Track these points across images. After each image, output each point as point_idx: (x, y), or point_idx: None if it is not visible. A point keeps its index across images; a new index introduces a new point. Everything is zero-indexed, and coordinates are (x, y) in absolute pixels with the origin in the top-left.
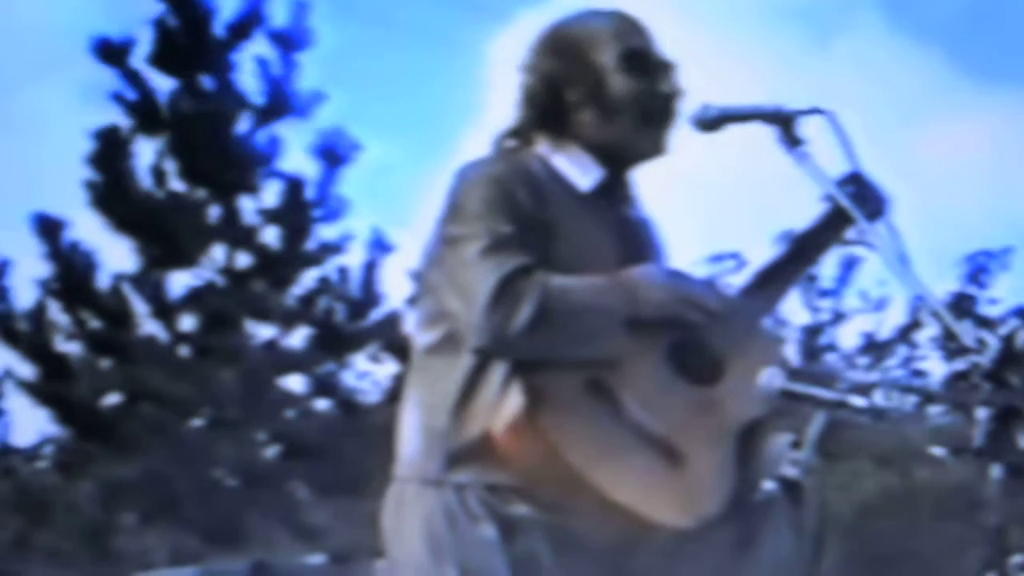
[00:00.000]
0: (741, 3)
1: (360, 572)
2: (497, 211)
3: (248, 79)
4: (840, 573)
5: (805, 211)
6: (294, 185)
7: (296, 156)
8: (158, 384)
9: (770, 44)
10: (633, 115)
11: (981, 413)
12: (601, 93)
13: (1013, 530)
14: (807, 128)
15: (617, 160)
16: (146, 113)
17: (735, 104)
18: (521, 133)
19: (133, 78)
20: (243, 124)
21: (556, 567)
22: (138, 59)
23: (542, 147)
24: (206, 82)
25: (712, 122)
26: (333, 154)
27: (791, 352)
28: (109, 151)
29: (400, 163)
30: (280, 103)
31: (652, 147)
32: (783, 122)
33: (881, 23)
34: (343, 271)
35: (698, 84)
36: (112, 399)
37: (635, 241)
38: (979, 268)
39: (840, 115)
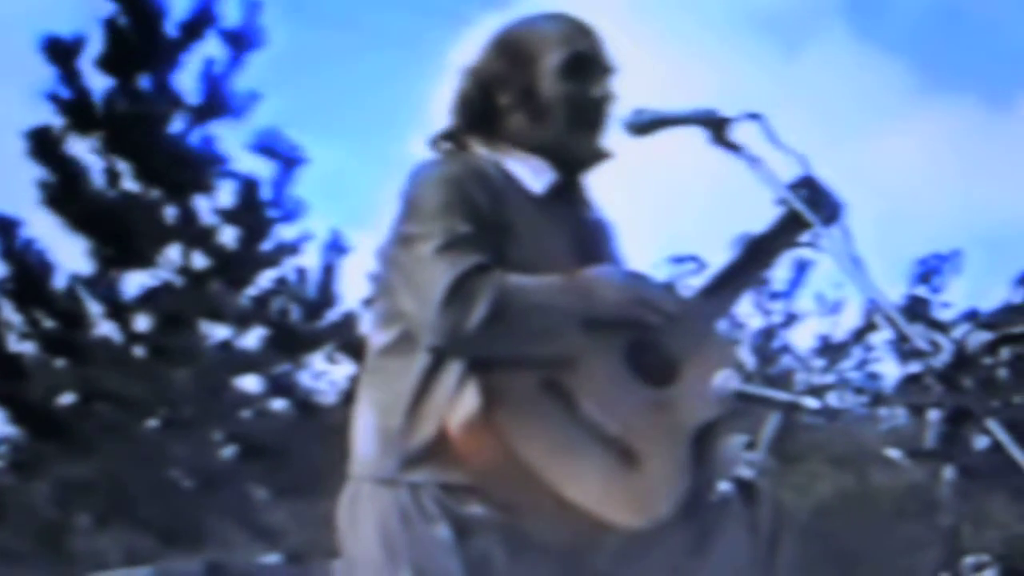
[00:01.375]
0: (711, 11)
1: (316, 572)
2: (453, 210)
3: (199, 80)
4: (796, 573)
5: (763, 214)
6: (250, 185)
7: (255, 157)
8: (113, 384)
9: (739, 51)
10: (562, 118)
11: (933, 415)
12: (532, 96)
13: (966, 530)
14: (748, 132)
15: (561, 164)
16: (87, 112)
17: (668, 109)
18: (454, 136)
19: (79, 77)
20: (198, 124)
21: (511, 567)
22: (88, 59)
23: (482, 149)
24: (160, 81)
25: (645, 126)
26: (281, 154)
27: (746, 354)
28: (44, 150)
29: (360, 165)
30: (230, 104)
31: (587, 151)
32: (716, 126)
33: (848, 32)
34: (300, 272)
35: (667, 90)
36: (67, 399)
37: (592, 243)
38: (930, 271)
39: (771, 119)
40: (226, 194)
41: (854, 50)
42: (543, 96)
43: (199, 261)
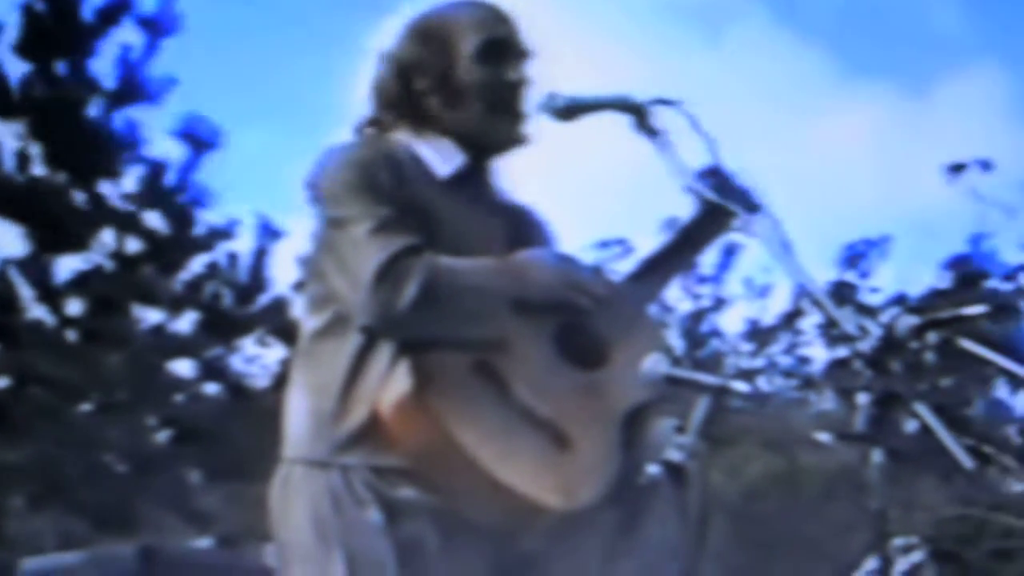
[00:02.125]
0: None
1: (248, 555)
2: (376, 193)
3: (116, 65)
4: (727, 555)
5: (687, 199)
6: (179, 170)
7: (177, 141)
8: (46, 368)
9: (661, 38)
10: (480, 103)
11: (862, 399)
12: (449, 80)
13: (894, 513)
14: (665, 118)
15: (476, 148)
16: (5, 97)
17: (583, 94)
18: (378, 121)
19: None
20: (115, 109)
21: (442, 550)
22: (3, 44)
23: (402, 134)
24: (77, 67)
25: (560, 111)
26: (201, 139)
27: (674, 338)
28: None
29: (291, 151)
30: (147, 89)
31: (507, 136)
32: (633, 112)
33: (769, 18)
34: (232, 256)
35: (588, 77)
36: None
37: (516, 227)
38: (858, 255)
39: (693, 105)
40: (157, 178)
41: (776, 37)
42: (460, 81)
43: (131, 245)
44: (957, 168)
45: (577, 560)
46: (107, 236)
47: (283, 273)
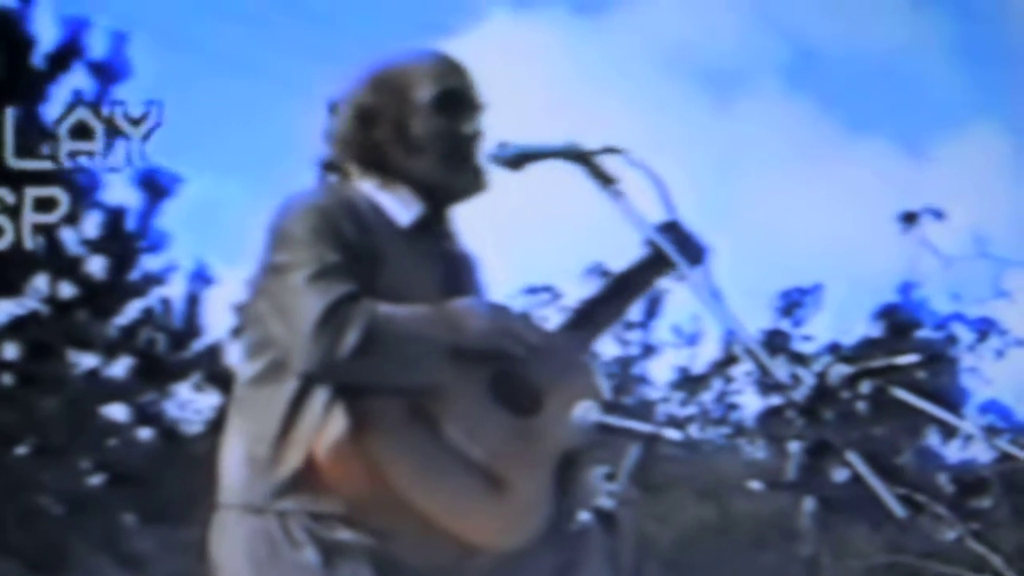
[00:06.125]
0: (643, 64)
1: None
2: (323, 240)
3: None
4: None
5: (616, 245)
6: (117, 215)
7: (130, 188)
8: None
9: (672, 105)
10: (435, 154)
11: (794, 447)
12: (405, 130)
13: (826, 560)
14: (620, 168)
15: (435, 197)
16: None
17: (532, 143)
18: (337, 168)
19: None
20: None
21: None
22: None
23: (362, 182)
24: (29, 113)
25: (510, 160)
26: (156, 186)
27: (605, 386)
28: None
29: (231, 197)
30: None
31: (464, 186)
32: (581, 160)
33: (777, 84)
34: (166, 302)
35: (601, 141)
36: None
37: (457, 275)
38: (792, 304)
39: (636, 153)
40: (92, 224)
41: (783, 101)
42: (416, 131)
43: (66, 290)
44: (910, 217)
45: None
46: (40, 281)
47: (218, 320)
